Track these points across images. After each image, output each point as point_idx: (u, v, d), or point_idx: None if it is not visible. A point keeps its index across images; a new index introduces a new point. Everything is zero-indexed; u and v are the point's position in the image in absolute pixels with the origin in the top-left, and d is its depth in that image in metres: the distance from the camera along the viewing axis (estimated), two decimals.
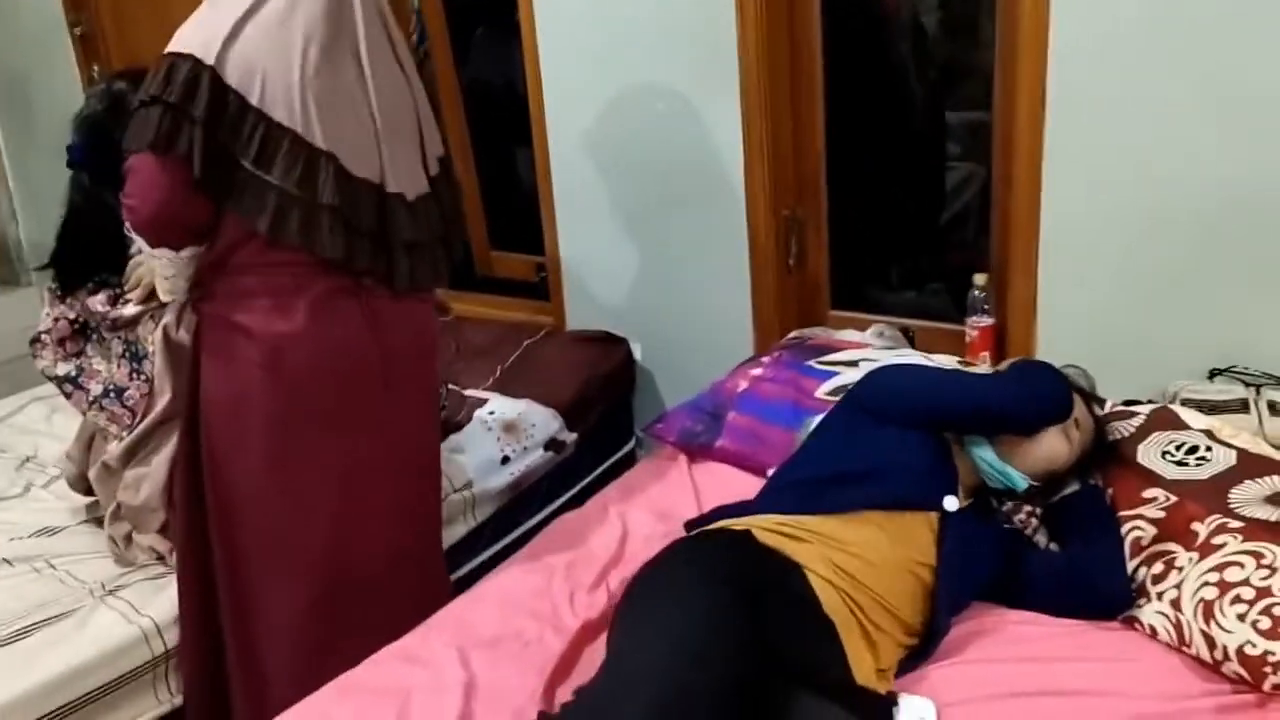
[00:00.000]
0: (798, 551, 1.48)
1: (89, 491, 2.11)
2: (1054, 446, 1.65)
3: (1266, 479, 1.59)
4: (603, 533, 1.87)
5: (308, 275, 1.66)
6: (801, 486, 1.61)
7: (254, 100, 1.57)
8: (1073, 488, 1.69)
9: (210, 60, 1.55)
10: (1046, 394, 1.65)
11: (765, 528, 1.52)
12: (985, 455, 1.64)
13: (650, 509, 1.93)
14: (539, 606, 1.69)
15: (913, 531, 1.55)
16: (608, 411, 2.66)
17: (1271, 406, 1.84)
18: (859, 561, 1.48)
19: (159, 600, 1.87)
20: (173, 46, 1.58)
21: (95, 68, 3.64)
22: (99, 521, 2.07)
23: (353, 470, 1.75)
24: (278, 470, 1.71)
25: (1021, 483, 1.64)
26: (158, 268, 1.73)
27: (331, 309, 1.68)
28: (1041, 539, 1.72)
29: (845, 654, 1.42)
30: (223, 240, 1.66)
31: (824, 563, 1.47)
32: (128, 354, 2.00)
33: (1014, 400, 1.64)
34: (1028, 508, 1.74)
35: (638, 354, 2.74)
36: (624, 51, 2.52)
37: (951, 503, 1.58)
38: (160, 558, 1.98)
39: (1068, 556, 1.62)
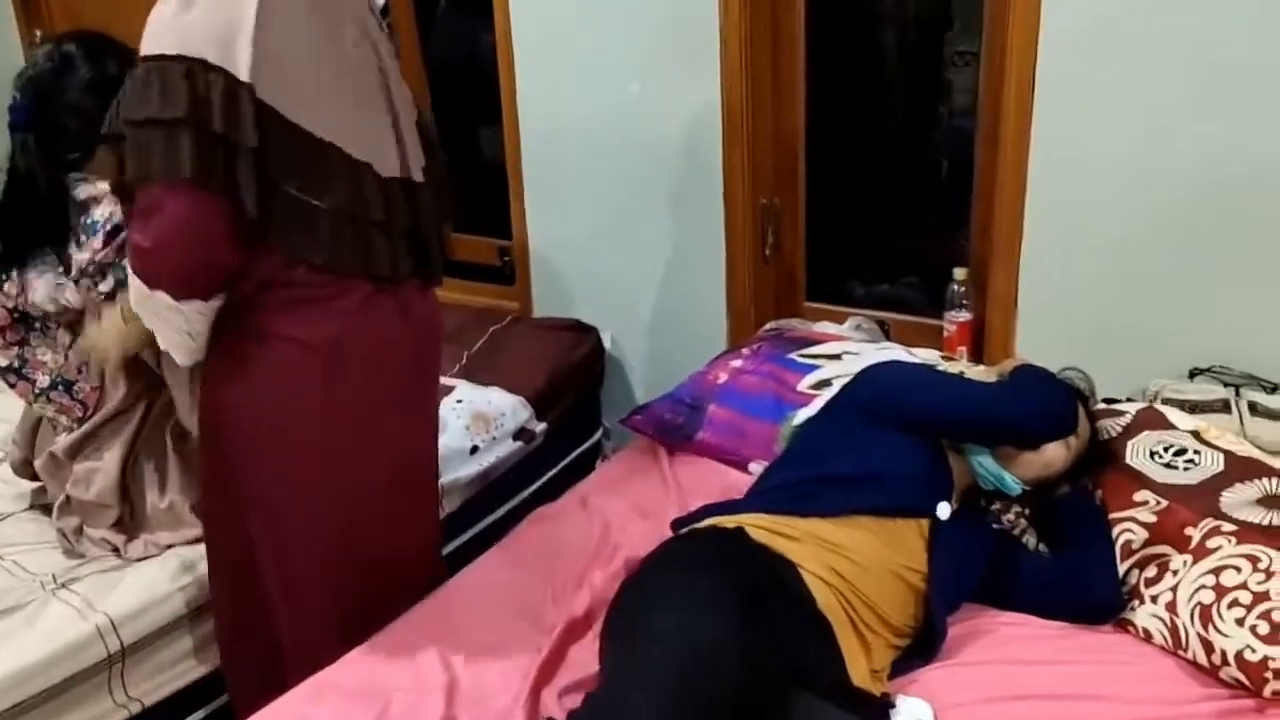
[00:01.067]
0: (791, 550, 1.45)
1: (34, 477, 2.01)
2: (1053, 454, 1.63)
3: (1256, 481, 1.59)
4: (582, 528, 1.82)
5: (351, 280, 1.54)
6: (793, 487, 1.57)
7: (291, 114, 1.39)
8: (1063, 490, 1.67)
9: (243, 75, 1.33)
10: (1056, 413, 1.62)
11: (757, 525, 1.48)
12: (985, 461, 1.62)
13: (630, 503, 1.89)
14: (521, 604, 1.64)
15: (904, 537, 1.52)
16: (577, 401, 2.60)
17: (1253, 407, 1.85)
18: (850, 564, 1.45)
19: (115, 595, 1.77)
20: (176, 47, 1.33)
21: (37, 32, 3.47)
22: (46, 509, 1.97)
23: (397, 458, 1.68)
24: (334, 468, 1.59)
25: (1016, 488, 1.62)
26: (175, 321, 1.49)
27: (374, 306, 1.57)
28: (1030, 540, 1.70)
29: (842, 654, 1.39)
30: (257, 275, 1.48)
31: (818, 563, 1.44)
32: (76, 346, 1.90)
33: (1024, 418, 1.61)
34: (1016, 508, 1.73)
35: (607, 343, 2.68)
36: (602, 31, 2.46)
37: (945, 510, 1.55)
38: (115, 550, 1.88)
39: (1059, 560, 1.61)
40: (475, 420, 2.30)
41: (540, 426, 2.42)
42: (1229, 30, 1.81)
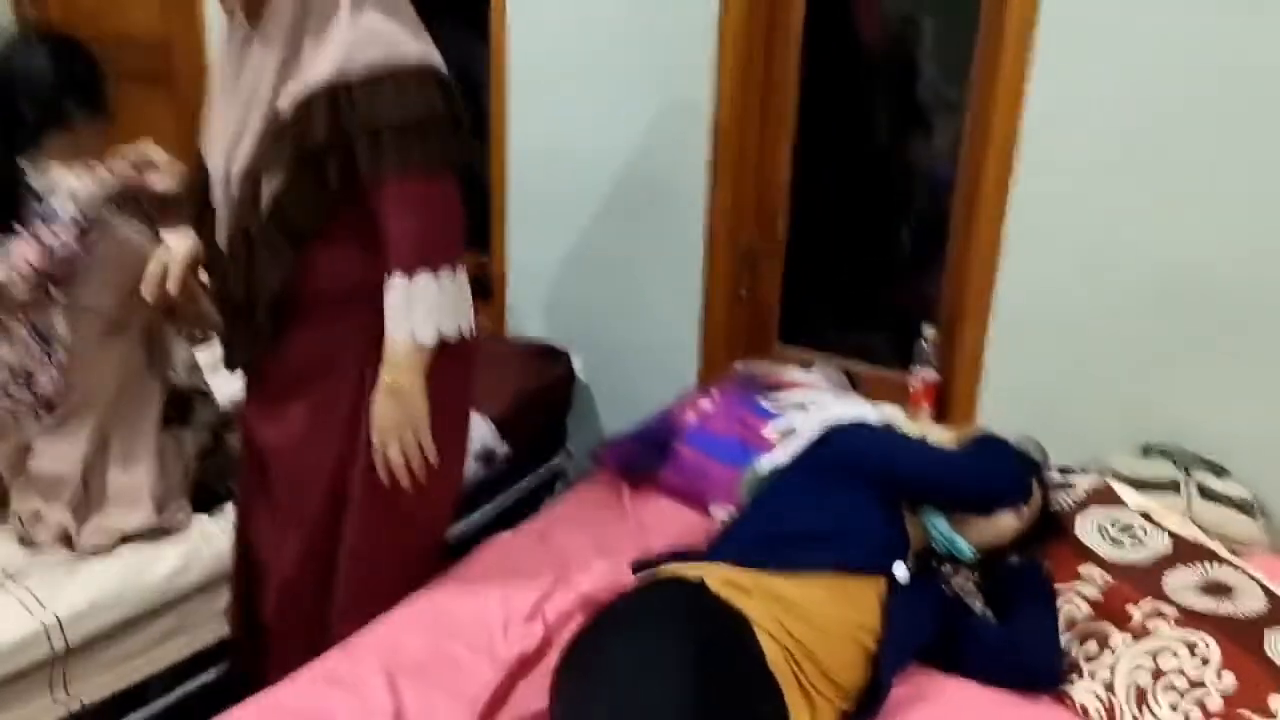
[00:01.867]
0: (747, 605, 1.47)
1: None
2: (1006, 521, 1.67)
3: (1199, 566, 1.64)
4: (539, 561, 1.83)
5: None
6: (755, 541, 1.59)
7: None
8: (1013, 558, 1.71)
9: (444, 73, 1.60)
10: (1011, 481, 1.68)
11: (718, 578, 1.50)
12: (939, 524, 1.65)
13: (589, 538, 1.90)
14: (472, 633, 1.64)
15: (860, 596, 1.55)
16: (543, 424, 2.62)
17: (1201, 490, 1.89)
18: (804, 625, 1.48)
19: (66, 592, 1.76)
20: (406, 59, 1.55)
21: (30, 12, 3.44)
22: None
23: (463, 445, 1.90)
24: (453, 463, 1.81)
25: (969, 553, 1.66)
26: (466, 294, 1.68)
27: None
28: (978, 604, 1.74)
29: (788, 713, 1.41)
30: None
31: (772, 620, 1.47)
32: (35, 335, 1.88)
33: (980, 485, 1.67)
34: (966, 572, 1.76)
35: (579, 368, 2.70)
36: (599, 66, 2.49)
37: (901, 570, 1.58)
38: (68, 539, 1.87)
39: (1004, 629, 1.64)
40: None
41: (504, 449, 2.42)
42: (1182, 136, 1.87)
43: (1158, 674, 1.47)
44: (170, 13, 3.21)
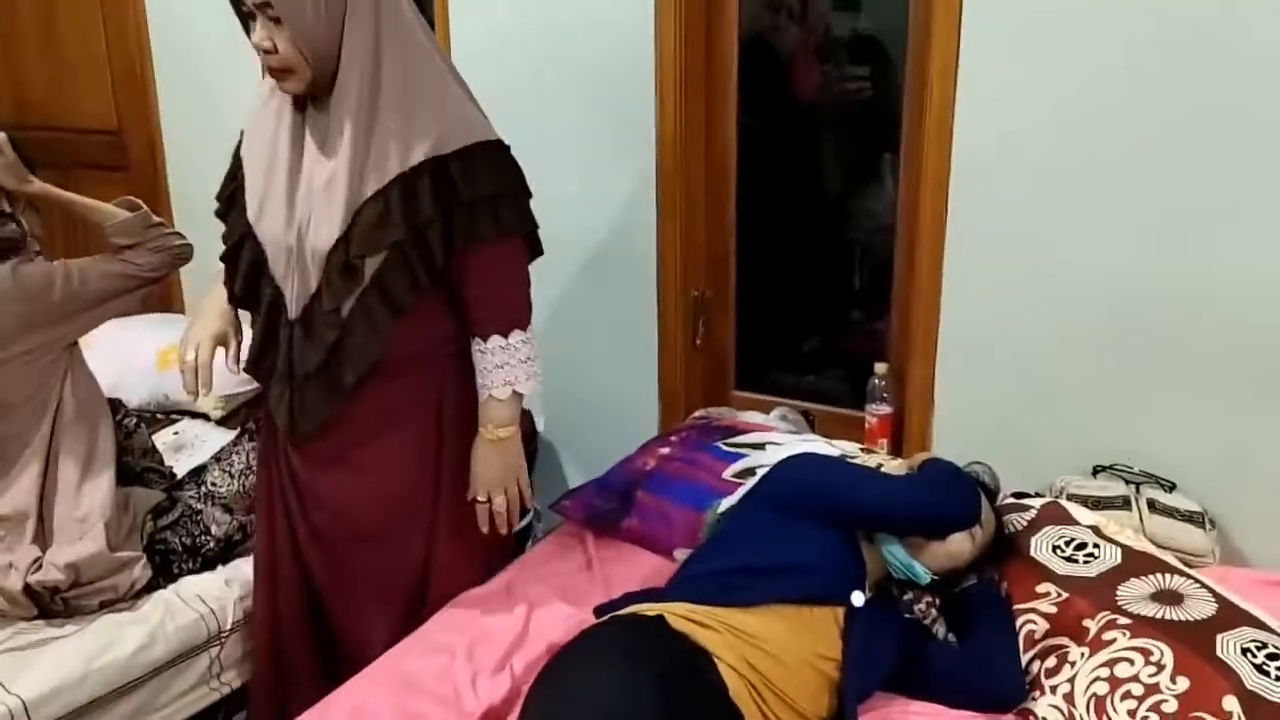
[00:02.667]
0: (708, 639, 1.49)
1: None
2: (960, 545, 1.70)
3: (1151, 576, 1.67)
4: (505, 613, 1.83)
5: None
6: (713, 577, 1.62)
7: None
8: (970, 580, 1.74)
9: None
10: (960, 503, 1.72)
11: (677, 614, 1.52)
12: (895, 551, 1.68)
13: (554, 589, 1.91)
14: (440, 689, 1.64)
15: (819, 625, 1.57)
16: None
17: (1151, 504, 1.94)
18: (766, 657, 1.50)
19: (30, 674, 1.75)
20: (485, 134, 1.71)
21: None
22: None
23: None
24: None
25: (926, 577, 1.69)
26: (521, 372, 1.78)
27: None
28: (940, 629, 1.76)
29: None
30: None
31: (733, 653, 1.48)
32: None
33: (929, 508, 1.70)
34: (927, 598, 1.79)
35: (540, 425, 2.72)
36: (544, 124, 2.55)
37: (859, 598, 1.61)
38: (40, 613, 1.85)
39: (965, 651, 1.67)
40: None
41: None
42: (1119, 160, 1.94)
43: (1115, 683, 1.50)
44: (123, 102, 3.26)
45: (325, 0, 1.61)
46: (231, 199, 1.84)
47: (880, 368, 2.33)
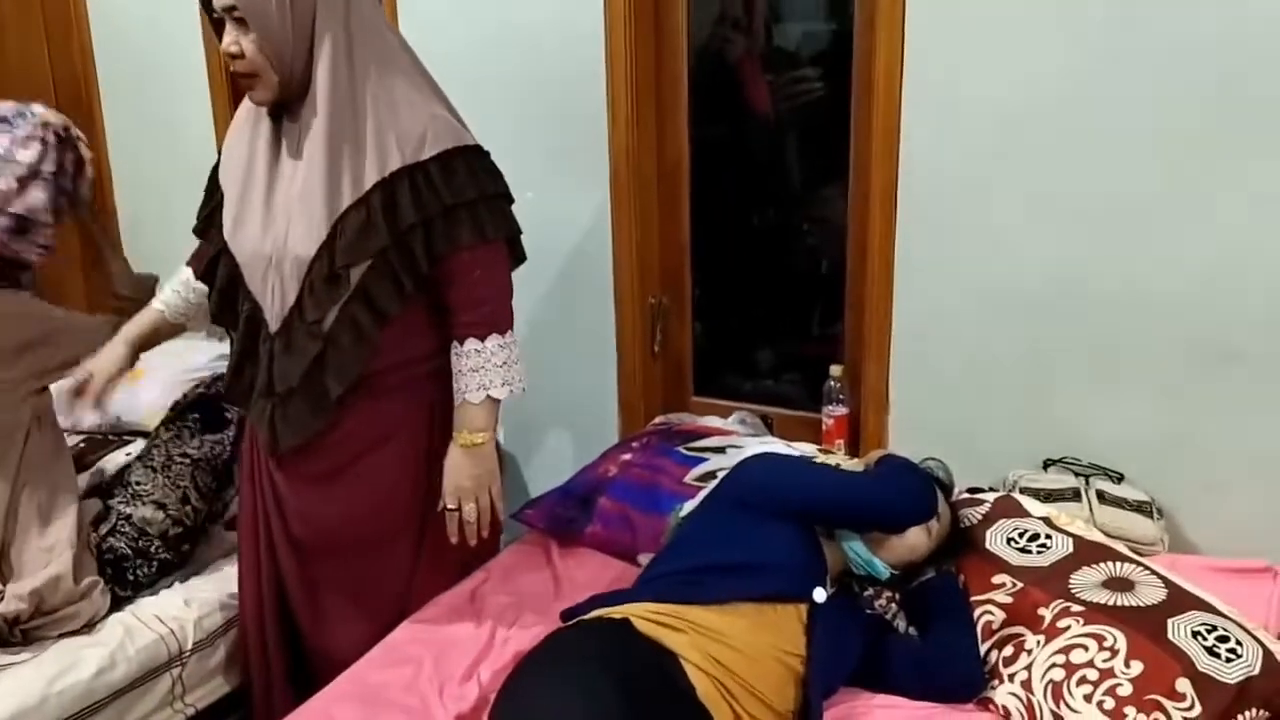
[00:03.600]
0: (674, 640, 1.51)
1: None
2: (916, 539, 1.74)
3: (1102, 565, 1.72)
4: (470, 622, 1.84)
5: None
6: (677, 576, 1.63)
7: None
8: (929, 574, 1.77)
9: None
10: (915, 497, 1.74)
11: (643, 616, 1.54)
12: (855, 547, 1.71)
13: (519, 598, 1.92)
14: (407, 701, 1.64)
15: (783, 622, 1.59)
16: None
17: (1100, 495, 1.99)
18: (731, 651, 1.52)
19: None
20: (463, 139, 1.71)
21: None
22: None
23: None
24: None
25: (885, 572, 1.72)
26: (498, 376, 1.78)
27: None
28: (901, 623, 1.79)
29: None
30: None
31: (699, 652, 1.50)
32: None
33: (883, 500, 1.73)
34: (888, 593, 1.82)
35: (501, 437, 2.72)
36: (497, 135, 2.54)
37: (820, 594, 1.63)
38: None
39: (925, 643, 1.70)
40: None
41: None
42: (1055, 159, 1.99)
43: (1070, 669, 1.53)
44: None
45: (292, 3, 1.61)
46: (210, 218, 1.83)
47: (835, 370, 2.36)
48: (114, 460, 2.47)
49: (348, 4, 1.67)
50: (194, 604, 2.05)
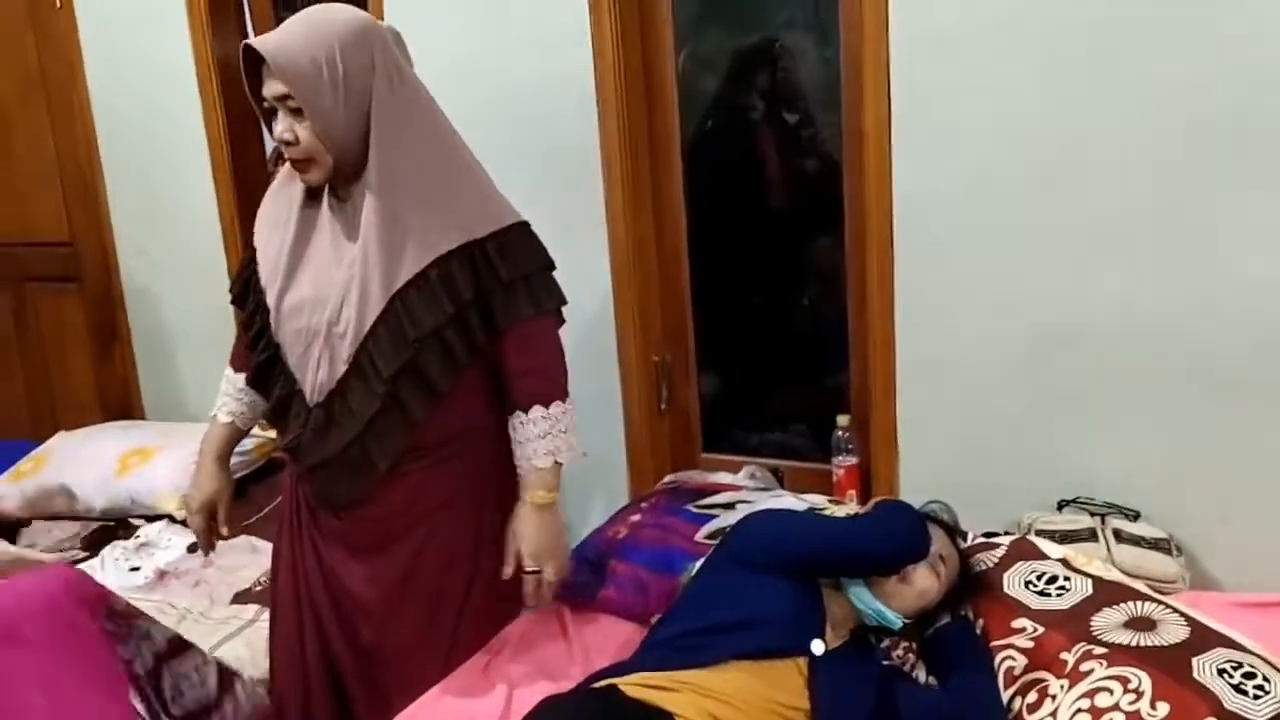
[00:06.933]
0: (669, 700, 1.49)
1: None
2: (925, 583, 1.71)
3: (1123, 605, 1.69)
4: (487, 696, 1.81)
5: None
6: (675, 641, 1.63)
7: None
8: (944, 620, 1.74)
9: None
10: (902, 534, 1.72)
11: (633, 683, 1.53)
12: (862, 595, 1.69)
13: (534, 666, 1.88)
14: None
15: (782, 677, 1.57)
16: None
17: (1117, 534, 1.96)
18: (728, 708, 1.50)
19: None
20: (513, 215, 1.76)
21: None
22: None
23: None
24: None
25: (896, 621, 1.69)
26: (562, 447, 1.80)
27: None
28: (920, 674, 1.76)
29: None
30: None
31: (693, 708, 1.49)
32: None
33: (873, 542, 1.71)
34: (905, 643, 1.79)
35: None
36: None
37: (818, 646, 1.61)
38: None
39: (945, 691, 1.67)
40: None
41: None
42: (1047, 195, 2.01)
43: (1096, 713, 1.50)
44: (75, 214, 3.29)
45: (345, 90, 1.64)
46: (245, 286, 1.85)
47: (843, 420, 2.36)
48: (126, 544, 2.47)
49: (398, 85, 1.69)
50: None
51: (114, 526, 2.64)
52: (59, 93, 3.20)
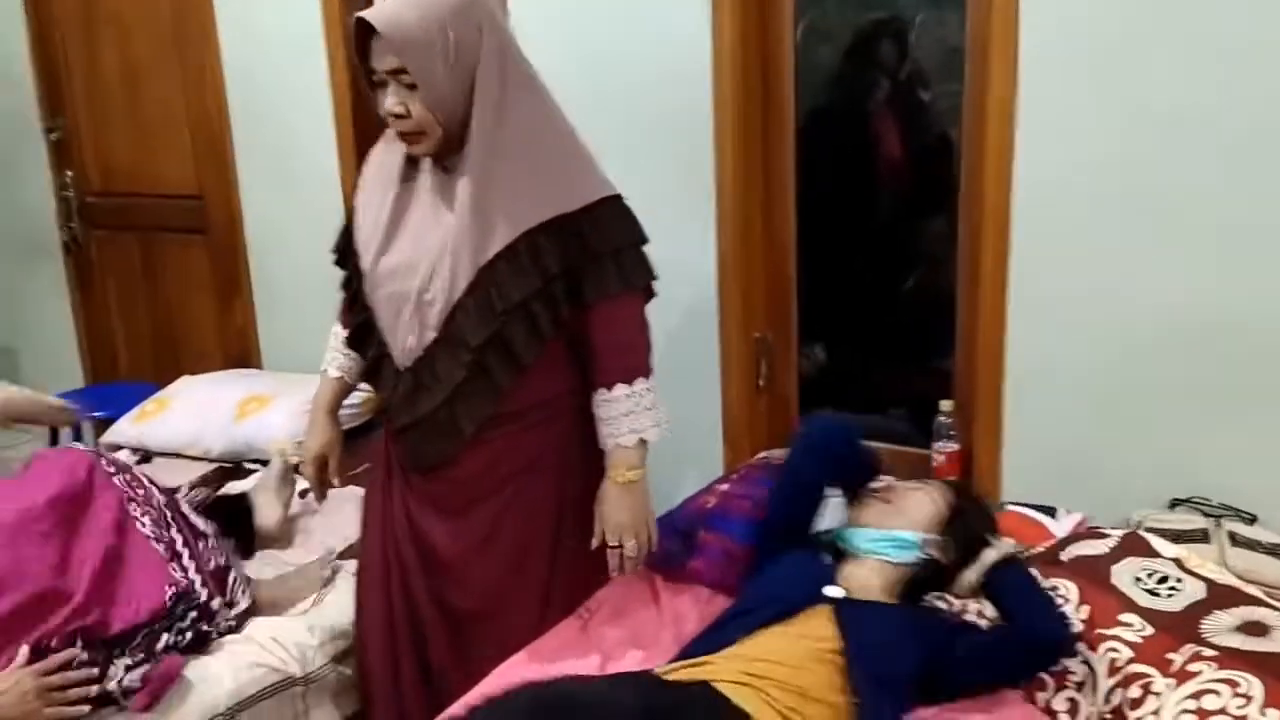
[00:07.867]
0: (702, 673, 1.54)
1: None
2: (915, 499, 1.81)
3: (1236, 609, 1.63)
4: (582, 652, 1.82)
5: None
6: (716, 630, 1.70)
7: None
8: (989, 558, 1.72)
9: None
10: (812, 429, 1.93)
11: (667, 669, 1.58)
12: (856, 536, 1.78)
13: (626, 631, 1.89)
14: None
15: (811, 625, 1.63)
16: None
17: (1232, 537, 1.89)
18: (764, 663, 1.55)
19: None
20: (607, 188, 1.75)
21: (69, 173, 3.66)
22: None
23: None
24: None
25: (914, 538, 1.74)
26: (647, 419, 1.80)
27: None
28: (984, 624, 1.76)
29: None
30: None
31: (731, 673, 1.52)
32: None
33: (795, 454, 1.93)
34: (974, 605, 1.77)
35: None
36: (603, 161, 2.61)
37: (834, 590, 1.68)
38: None
39: (1008, 624, 1.67)
40: None
41: None
42: (1180, 185, 1.94)
43: (1202, 715, 1.45)
44: (203, 168, 3.41)
45: (455, 62, 1.65)
46: (347, 247, 1.90)
47: (946, 404, 2.31)
48: (241, 487, 2.56)
49: (504, 55, 1.71)
50: (315, 630, 2.08)
51: (231, 469, 2.73)
52: (192, 54, 3.31)
